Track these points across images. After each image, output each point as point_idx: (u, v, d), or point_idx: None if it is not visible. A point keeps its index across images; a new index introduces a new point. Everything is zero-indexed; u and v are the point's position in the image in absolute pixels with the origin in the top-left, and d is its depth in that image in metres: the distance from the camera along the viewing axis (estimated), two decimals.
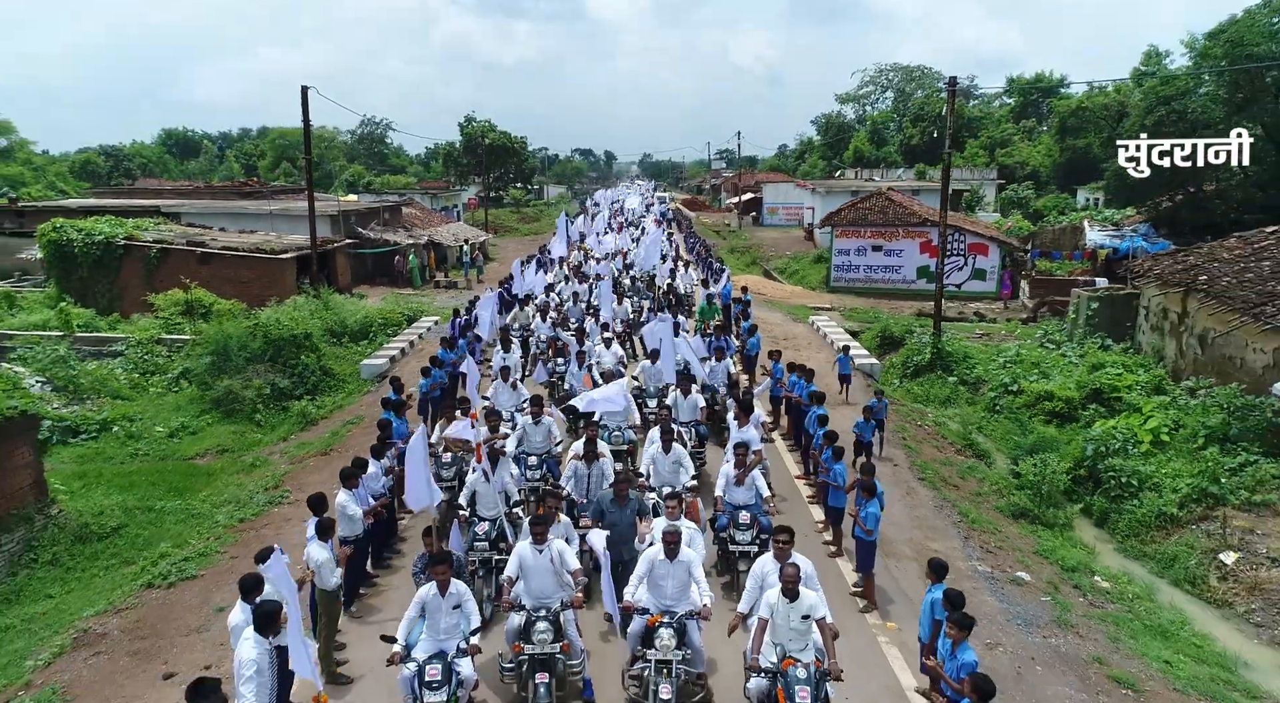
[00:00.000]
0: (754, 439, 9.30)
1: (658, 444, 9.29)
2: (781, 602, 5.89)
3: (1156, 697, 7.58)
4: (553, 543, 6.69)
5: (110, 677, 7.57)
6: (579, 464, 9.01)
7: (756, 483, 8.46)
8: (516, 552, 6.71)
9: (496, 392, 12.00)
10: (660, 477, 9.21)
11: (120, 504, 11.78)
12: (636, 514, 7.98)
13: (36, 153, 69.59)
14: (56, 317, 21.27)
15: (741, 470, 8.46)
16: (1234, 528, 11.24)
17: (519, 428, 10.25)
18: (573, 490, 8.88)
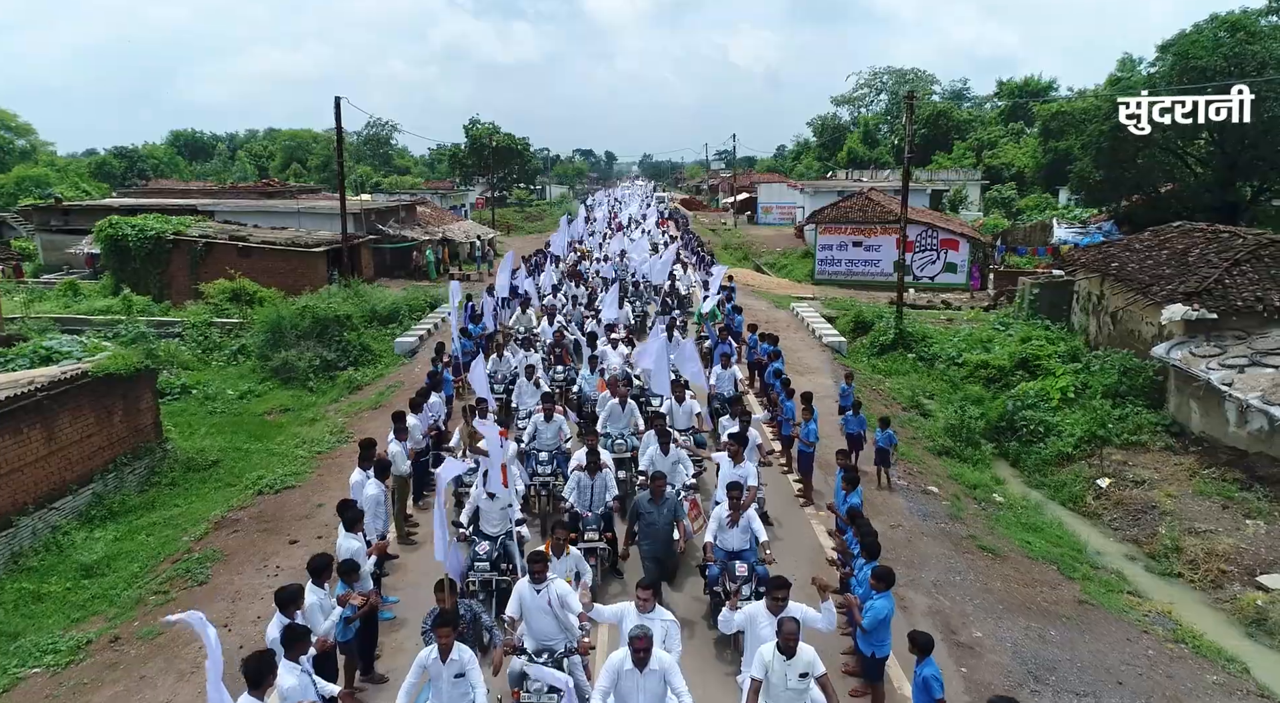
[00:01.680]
0: (749, 475, 8.69)
1: (656, 446, 9.58)
2: (777, 659, 5.51)
3: (1010, 560, 10.51)
4: (553, 584, 6.24)
5: (249, 544, 10.51)
6: (582, 475, 8.87)
7: (752, 525, 7.79)
8: (517, 590, 6.29)
9: (520, 390, 12.39)
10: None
11: (214, 445, 14.76)
12: (673, 515, 8.08)
13: (54, 155, 72.54)
14: (120, 303, 24.24)
15: (734, 512, 7.78)
16: (1111, 461, 14.20)
17: (530, 424, 10.56)
18: (576, 502, 8.78)
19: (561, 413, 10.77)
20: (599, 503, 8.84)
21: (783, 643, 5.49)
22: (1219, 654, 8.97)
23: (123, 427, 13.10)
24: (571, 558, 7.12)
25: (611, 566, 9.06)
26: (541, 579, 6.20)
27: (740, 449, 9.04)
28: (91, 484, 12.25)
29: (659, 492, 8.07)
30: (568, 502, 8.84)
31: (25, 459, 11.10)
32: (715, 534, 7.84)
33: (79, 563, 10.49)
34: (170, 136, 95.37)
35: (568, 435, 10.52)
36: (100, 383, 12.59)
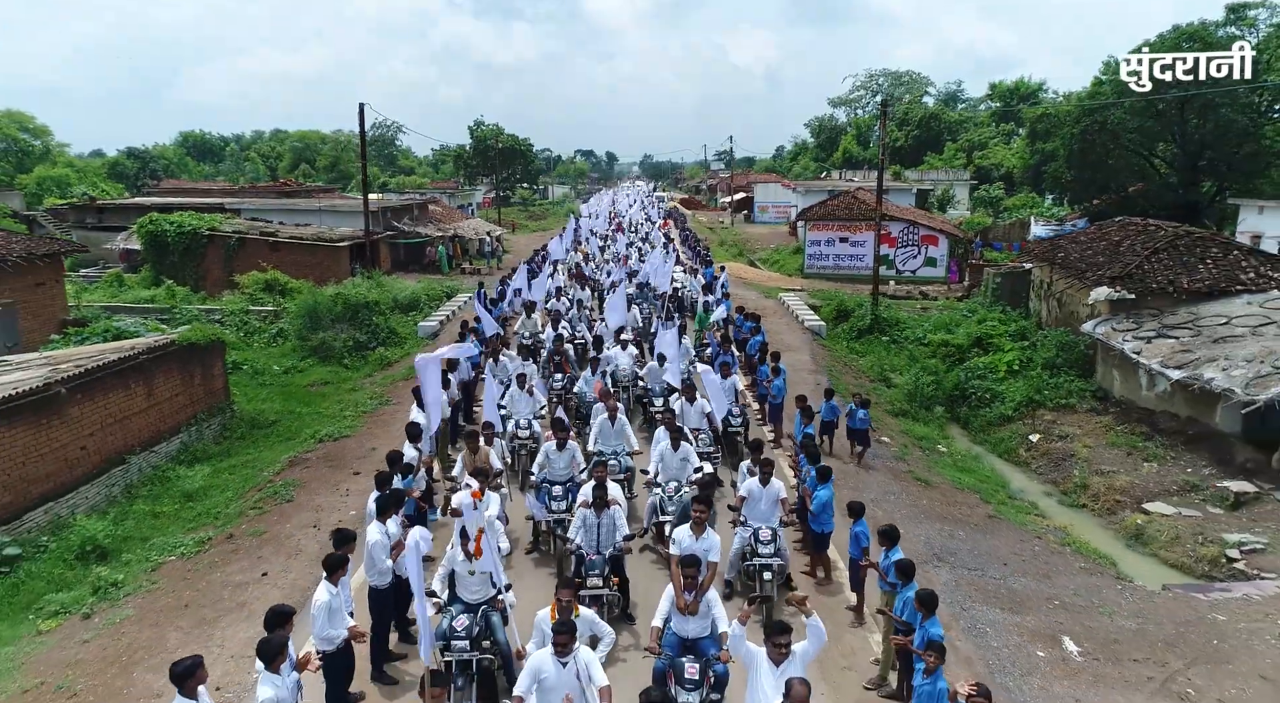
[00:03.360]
0: (712, 548, 7.35)
1: (665, 442, 9.69)
2: None
3: (939, 488, 13.03)
4: (579, 653, 5.63)
5: (318, 475, 13.03)
6: (588, 513, 8.20)
7: (713, 610, 6.60)
8: (532, 665, 5.62)
9: (513, 399, 12.22)
10: (668, 472, 9.66)
11: (271, 409, 17.30)
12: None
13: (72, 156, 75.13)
14: (164, 293, 26.78)
15: (693, 596, 6.57)
16: (1043, 421, 16.74)
17: (541, 453, 10.14)
18: (582, 542, 8.12)
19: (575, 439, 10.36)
20: (607, 543, 8.10)
21: None
22: (1094, 553, 11.49)
23: (201, 389, 15.64)
24: (584, 620, 6.26)
25: (623, 611, 8.27)
26: (567, 652, 5.53)
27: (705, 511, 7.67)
28: (179, 434, 14.78)
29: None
30: (573, 542, 8.17)
31: (132, 410, 13.61)
32: (668, 616, 6.61)
33: (182, 491, 13.01)
34: (179, 137, 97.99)
35: (582, 466, 9.90)
36: (184, 350, 15.11)
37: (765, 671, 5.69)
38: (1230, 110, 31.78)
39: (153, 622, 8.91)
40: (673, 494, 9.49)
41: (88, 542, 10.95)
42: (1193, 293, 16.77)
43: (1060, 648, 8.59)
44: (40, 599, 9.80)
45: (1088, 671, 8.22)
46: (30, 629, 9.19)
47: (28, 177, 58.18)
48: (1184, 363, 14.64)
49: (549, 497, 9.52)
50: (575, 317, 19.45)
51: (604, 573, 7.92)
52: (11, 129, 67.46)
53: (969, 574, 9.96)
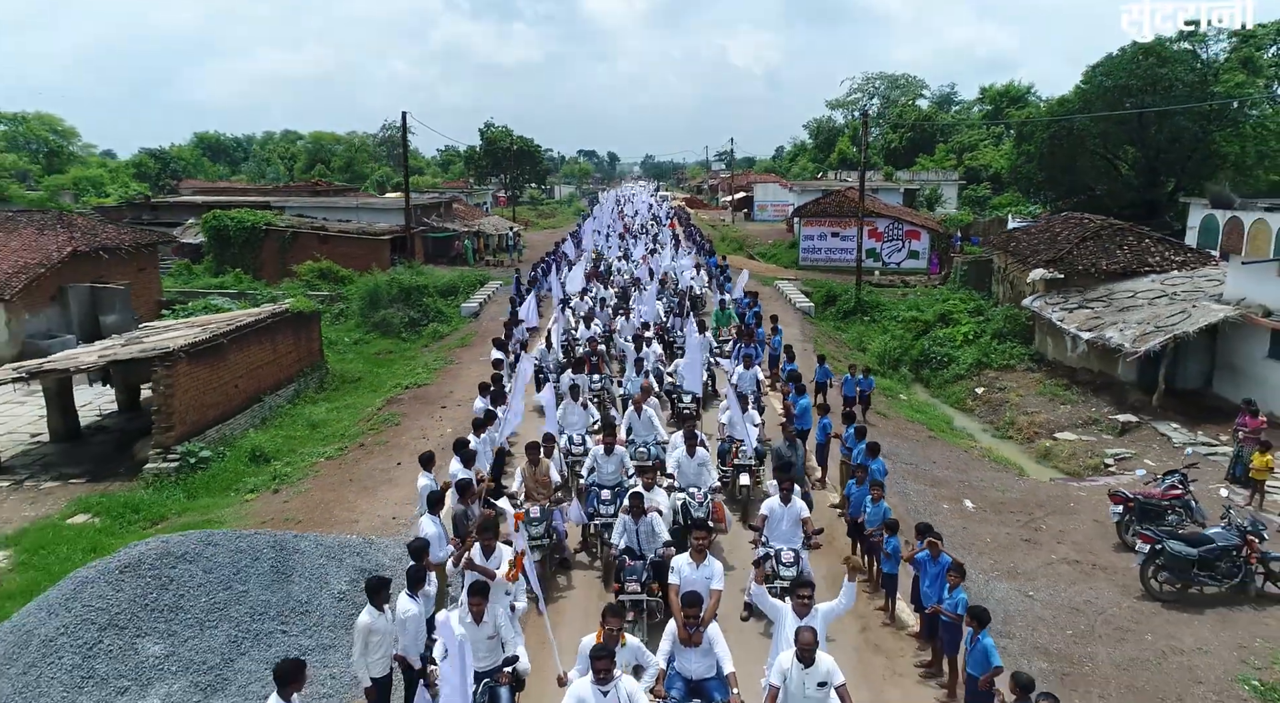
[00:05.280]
0: (715, 577, 7.14)
1: (682, 448, 9.88)
2: (796, 668, 5.66)
3: (894, 421, 17.03)
4: (620, 682, 5.56)
5: (413, 409, 17.05)
6: (626, 519, 8.42)
7: (715, 649, 6.31)
8: (573, 693, 5.62)
9: (566, 411, 12.14)
10: (686, 478, 9.82)
11: (354, 368, 21.32)
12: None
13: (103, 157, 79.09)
14: (232, 279, 30.80)
15: (696, 629, 6.30)
16: (987, 378, 20.81)
17: (590, 457, 10.42)
18: (626, 545, 8.39)
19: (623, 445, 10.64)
20: (648, 549, 8.32)
21: (800, 652, 5.64)
22: (1005, 461, 15.53)
23: (305, 349, 19.65)
24: (629, 649, 6.17)
25: (663, 618, 7.84)
26: (608, 679, 5.48)
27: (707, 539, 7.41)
28: (293, 383, 18.79)
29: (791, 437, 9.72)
30: (615, 547, 8.39)
31: (264, 361, 17.61)
32: (670, 654, 6.37)
33: (307, 421, 17.02)
34: (195, 139, 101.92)
35: (630, 471, 10.04)
36: (295, 318, 19.12)
37: (790, 623, 6.21)
38: (1184, 118, 35.81)
39: (329, 489, 12.92)
40: (702, 501, 9.42)
41: (255, 449, 14.97)
42: (1110, 273, 20.81)
43: (961, 505, 12.61)
44: (234, 484, 13.81)
45: (977, 517, 12.25)
46: (237, 501, 13.19)
47: (63, 176, 62.08)
48: (1094, 327, 18.68)
49: (598, 500, 9.76)
50: (599, 314, 20.18)
51: (643, 579, 7.99)
52: (42, 131, 71.41)
53: (905, 467, 13.94)
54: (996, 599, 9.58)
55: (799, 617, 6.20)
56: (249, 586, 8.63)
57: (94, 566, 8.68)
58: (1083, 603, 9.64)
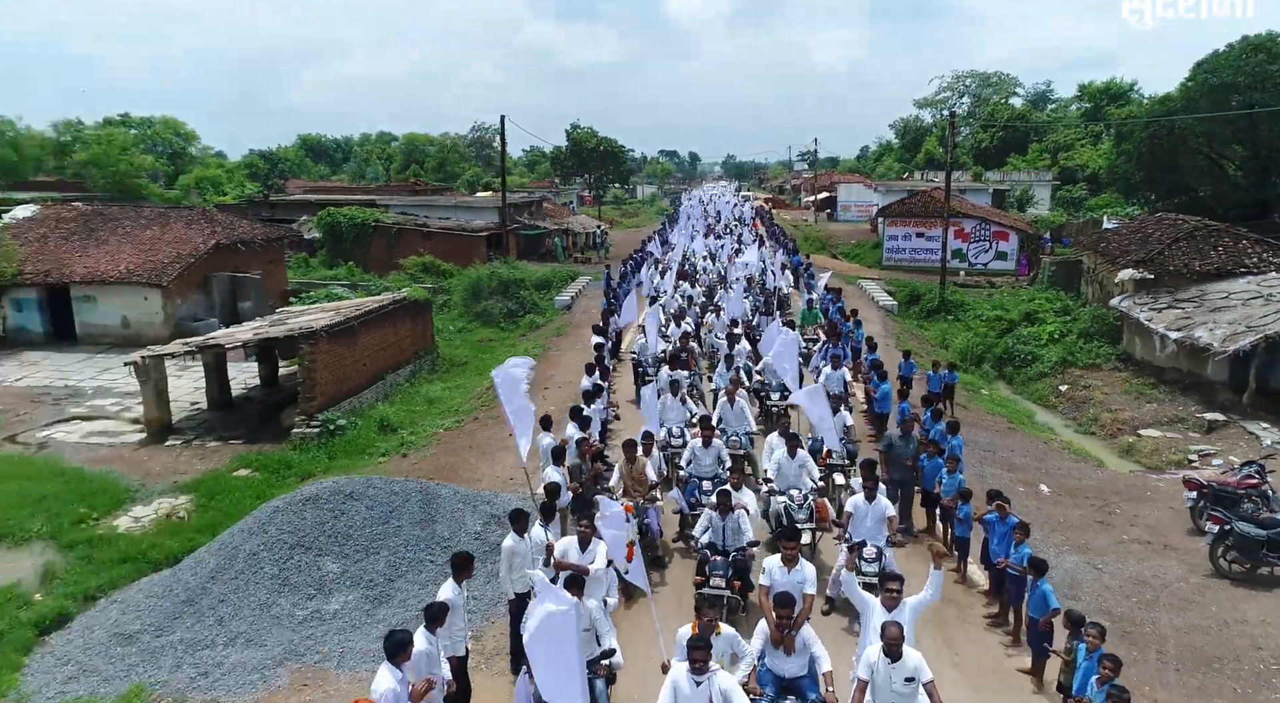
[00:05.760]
0: (807, 581, 7.10)
1: (783, 450, 9.92)
2: (882, 662, 5.65)
3: (974, 413, 17.67)
4: (715, 675, 5.57)
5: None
6: (713, 515, 8.63)
7: (812, 649, 6.34)
8: (669, 679, 5.75)
9: (665, 407, 12.36)
10: (785, 480, 9.85)
11: (461, 353, 23.21)
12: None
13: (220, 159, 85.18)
14: (345, 271, 33.45)
15: (790, 632, 6.31)
16: (1072, 375, 21.09)
17: (688, 450, 10.85)
18: (709, 540, 8.61)
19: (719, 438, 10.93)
20: (732, 545, 8.50)
21: (886, 647, 5.62)
22: (1086, 454, 16.03)
23: (420, 333, 21.63)
24: (725, 639, 6.23)
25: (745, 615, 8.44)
26: (703, 670, 5.57)
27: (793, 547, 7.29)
28: (409, 365, 20.76)
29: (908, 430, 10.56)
30: (698, 541, 8.67)
31: (386, 343, 19.60)
32: (761, 652, 6.41)
33: (424, 397, 18.89)
34: (299, 140, 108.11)
35: (728, 463, 10.38)
36: (411, 305, 21.09)
37: (878, 615, 6.27)
38: None
39: (451, 454, 14.63)
40: (801, 503, 9.52)
41: (383, 419, 16.86)
42: (1203, 274, 20.78)
43: (1036, 489, 13.33)
44: (367, 449, 15.69)
45: (1051, 499, 12.96)
46: (370, 463, 15.02)
47: (188, 177, 67.34)
48: (1183, 327, 18.83)
49: (698, 491, 10.18)
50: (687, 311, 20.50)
51: (726, 575, 8.20)
52: (167, 134, 77.46)
53: (982, 453, 14.68)
54: (1065, 569, 10.38)
55: (887, 610, 6.29)
56: (402, 522, 10.27)
57: (282, 498, 10.51)
58: (1149, 576, 10.34)
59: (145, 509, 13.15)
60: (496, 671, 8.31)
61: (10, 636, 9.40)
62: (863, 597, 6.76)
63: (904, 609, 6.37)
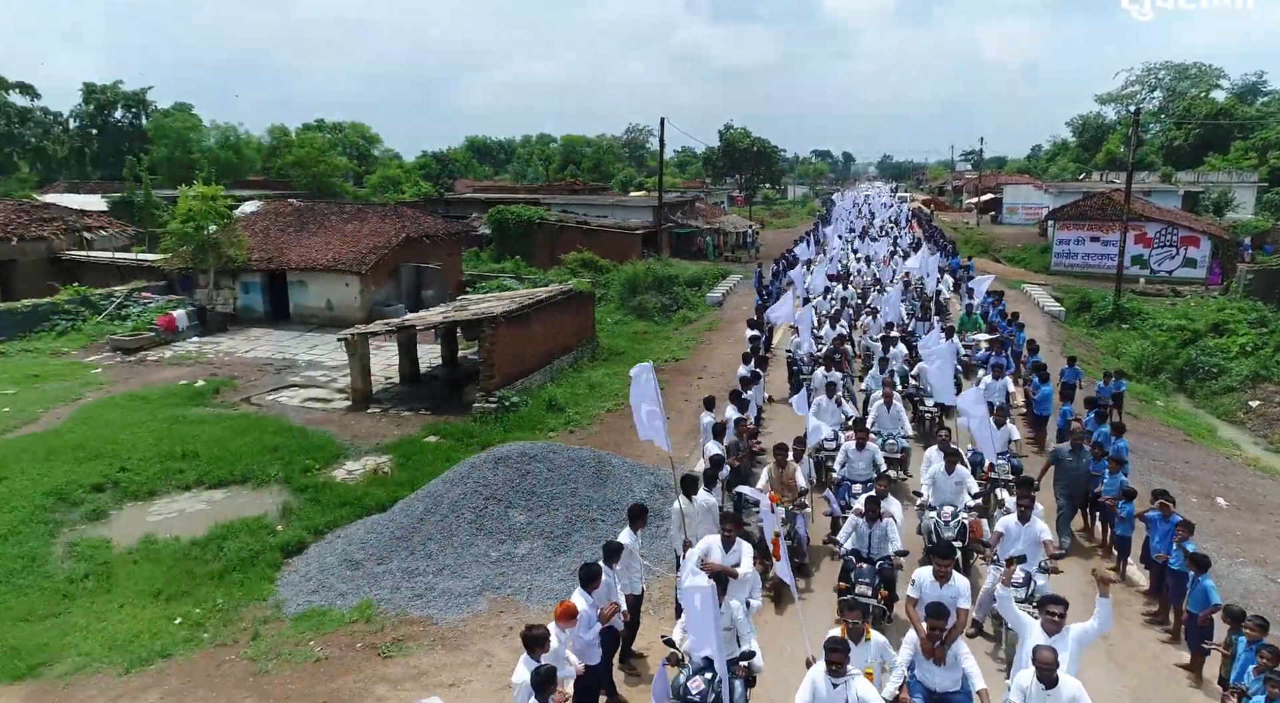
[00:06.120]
0: (961, 595, 6.92)
1: (940, 464, 9.61)
2: (1036, 687, 5.49)
3: (1147, 422, 16.97)
4: (853, 680, 5.66)
5: (673, 377, 19.83)
6: (860, 522, 8.57)
7: (963, 664, 6.24)
8: (810, 679, 5.80)
9: (820, 409, 12.26)
10: (941, 495, 9.56)
11: (618, 343, 24.65)
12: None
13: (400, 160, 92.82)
14: (511, 265, 36.02)
15: (941, 644, 6.27)
16: (1266, 391, 19.64)
17: (841, 452, 10.82)
18: (851, 548, 8.54)
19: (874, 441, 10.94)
20: (878, 553, 8.45)
21: (1039, 672, 5.45)
22: (1271, 471, 15.07)
23: (582, 323, 23.24)
24: (874, 646, 6.27)
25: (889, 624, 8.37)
26: (840, 672, 5.63)
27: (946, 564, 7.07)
28: (572, 352, 22.40)
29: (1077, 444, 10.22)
30: (842, 547, 8.60)
31: (554, 330, 21.29)
32: (911, 662, 6.39)
33: (587, 382, 20.38)
34: (466, 142, 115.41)
35: (882, 467, 10.45)
36: (576, 296, 22.72)
37: (1035, 637, 6.00)
38: None
39: (614, 432, 15.92)
40: (949, 520, 9.28)
41: (551, 399, 18.45)
42: None
43: (1212, 501, 12.83)
44: (537, 425, 17.27)
45: (1229, 512, 12.47)
46: (540, 438, 16.56)
47: (373, 177, 73.94)
48: None
49: (849, 493, 10.10)
50: (842, 313, 20.85)
51: (873, 582, 8.08)
52: (355, 137, 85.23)
53: (1152, 463, 14.21)
54: (1238, 579, 10.14)
55: (1047, 634, 6.01)
56: (578, 484, 11.54)
57: (477, 456, 12.10)
58: None
59: (355, 464, 15.27)
60: (661, 616, 9.33)
61: (263, 556, 11.45)
62: (1019, 616, 6.45)
63: (1065, 636, 6.04)
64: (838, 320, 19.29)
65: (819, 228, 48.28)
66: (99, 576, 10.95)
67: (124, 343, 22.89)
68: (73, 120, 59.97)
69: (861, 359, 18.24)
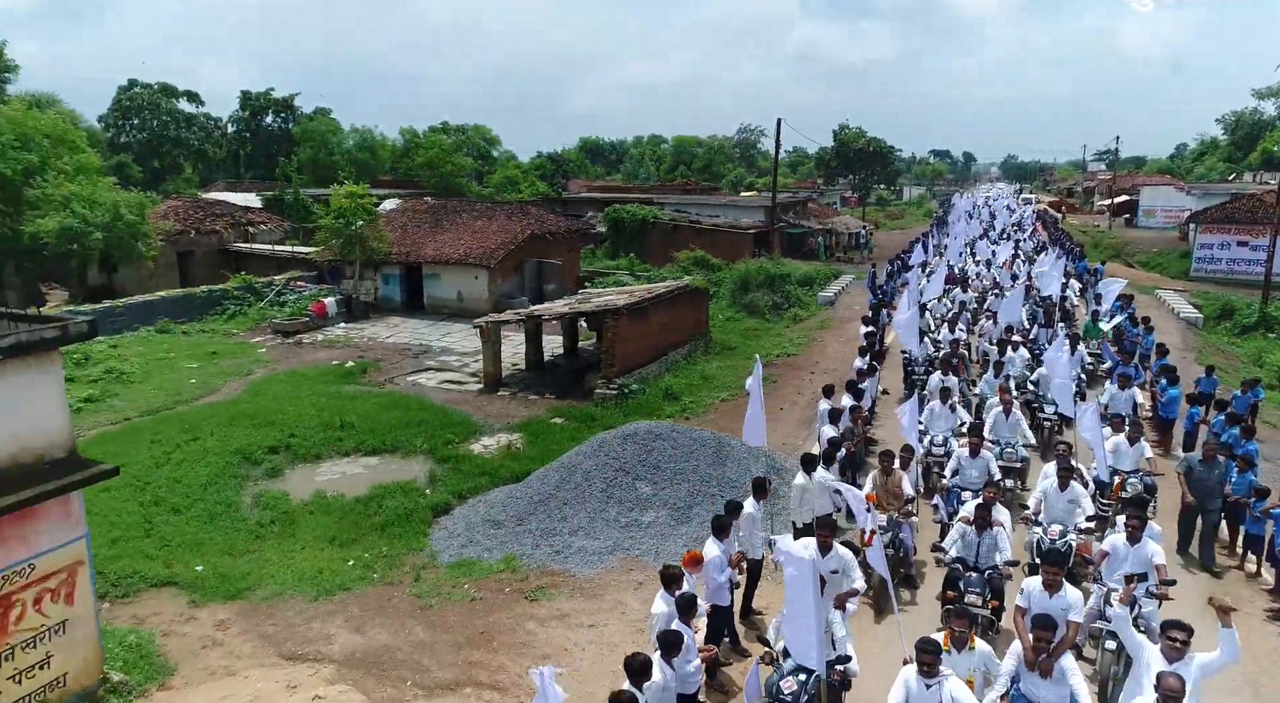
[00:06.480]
0: (1073, 607, 6.83)
1: (1053, 479, 9.20)
2: None
3: None
4: (947, 681, 5.69)
5: (785, 372, 20.46)
6: (968, 530, 8.40)
7: (1069, 679, 6.05)
8: (903, 678, 5.86)
9: (933, 414, 12.30)
10: (1051, 513, 9.18)
11: (729, 339, 25.43)
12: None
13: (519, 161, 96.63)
14: (626, 262, 37.35)
15: (1047, 657, 6.08)
16: None
17: (954, 459, 10.61)
18: (958, 554, 8.39)
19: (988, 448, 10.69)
20: (986, 562, 8.27)
21: (1162, 699, 5.23)
22: None
23: (697, 318, 24.17)
24: (978, 655, 6.26)
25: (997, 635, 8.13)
26: (931, 673, 5.68)
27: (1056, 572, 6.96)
28: (687, 345, 23.35)
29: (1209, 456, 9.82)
30: (947, 555, 8.49)
31: (670, 323, 22.30)
32: (1017, 674, 6.24)
33: (700, 374, 21.28)
34: (580, 143, 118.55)
35: (996, 475, 10.05)
36: (691, 292, 23.66)
37: (1156, 663, 5.68)
38: None
39: (730, 420, 16.73)
40: (1056, 538, 8.95)
41: (667, 388, 19.46)
42: None
43: None
44: (654, 412, 18.27)
45: None
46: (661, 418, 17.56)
47: (493, 177, 77.42)
48: None
49: (957, 501, 9.86)
50: (960, 317, 20.68)
51: (983, 592, 7.91)
52: (477, 138, 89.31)
53: None
54: None
55: (1168, 661, 5.65)
56: (699, 462, 12.45)
57: (608, 432, 13.24)
58: None
59: (490, 440, 16.73)
60: (777, 580, 10.09)
61: (416, 514, 12.93)
62: (1136, 639, 6.09)
63: (1189, 664, 5.68)
64: (955, 324, 19.14)
65: (934, 230, 47.39)
66: (283, 522, 12.71)
67: (283, 326, 25.51)
68: (230, 125, 65.85)
69: (979, 363, 18.14)
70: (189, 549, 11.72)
